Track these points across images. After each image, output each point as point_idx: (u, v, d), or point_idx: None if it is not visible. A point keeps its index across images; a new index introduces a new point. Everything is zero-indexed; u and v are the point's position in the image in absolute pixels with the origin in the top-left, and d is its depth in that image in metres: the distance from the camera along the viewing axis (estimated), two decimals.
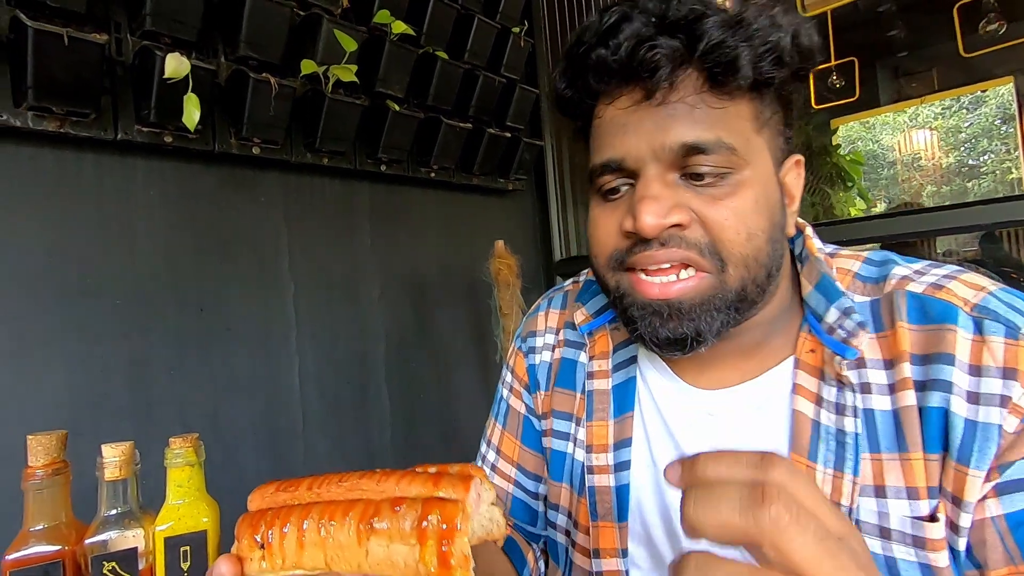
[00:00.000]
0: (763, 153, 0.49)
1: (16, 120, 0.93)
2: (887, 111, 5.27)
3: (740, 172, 0.47)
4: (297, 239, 1.33)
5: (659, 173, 0.48)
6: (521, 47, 1.67)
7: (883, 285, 0.51)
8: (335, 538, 0.33)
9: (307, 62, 1.16)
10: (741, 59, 0.45)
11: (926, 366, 0.45)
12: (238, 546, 0.36)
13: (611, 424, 0.59)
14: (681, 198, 0.47)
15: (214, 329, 1.18)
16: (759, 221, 0.47)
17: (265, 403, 1.25)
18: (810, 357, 0.51)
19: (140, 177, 1.11)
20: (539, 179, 2.01)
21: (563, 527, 0.64)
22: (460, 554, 0.31)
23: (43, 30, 0.86)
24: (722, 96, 0.47)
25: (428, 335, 1.60)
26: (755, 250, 0.47)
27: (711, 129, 0.46)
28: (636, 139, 0.48)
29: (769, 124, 0.50)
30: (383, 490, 0.35)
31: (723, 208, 0.47)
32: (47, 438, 0.58)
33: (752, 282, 0.48)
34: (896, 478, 0.45)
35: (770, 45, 0.46)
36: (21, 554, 0.55)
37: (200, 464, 0.62)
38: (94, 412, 1.02)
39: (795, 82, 0.50)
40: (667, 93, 0.47)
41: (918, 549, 0.44)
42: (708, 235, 0.47)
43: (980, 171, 7.30)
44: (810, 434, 0.48)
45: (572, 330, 0.66)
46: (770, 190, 0.49)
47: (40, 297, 0.99)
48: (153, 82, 0.98)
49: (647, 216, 0.46)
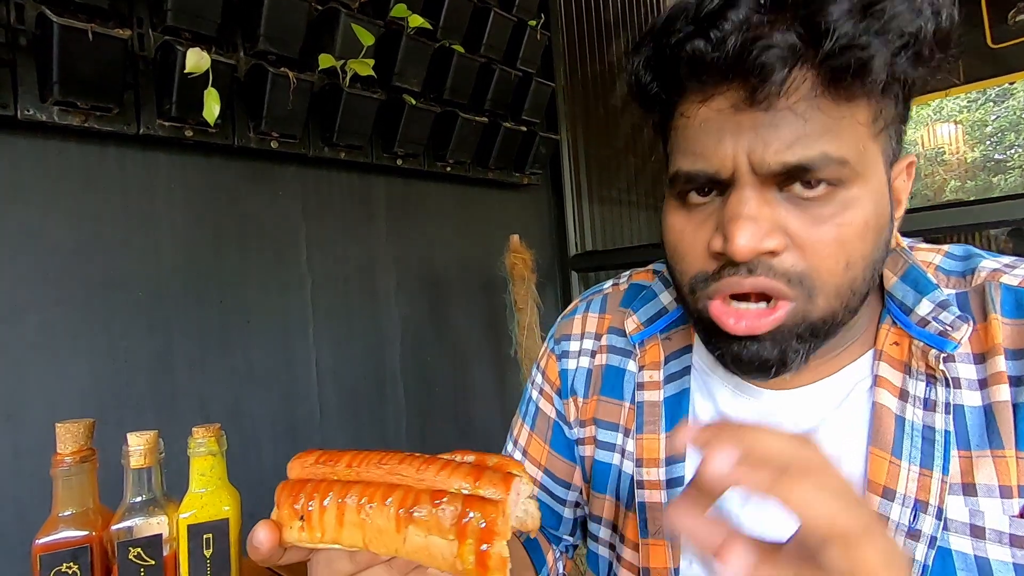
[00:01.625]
0: (877, 162, 0.43)
1: (42, 115, 0.94)
2: (911, 104, 5.13)
3: (850, 188, 0.41)
4: (315, 233, 1.34)
5: (759, 189, 0.41)
6: (537, 40, 1.66)
7: (971, 278, 0.47)
8: (374, 521, 0.33)
9: (325, 56, 1.16)
10: (875, 60, 0.37)
11: (1023, 360, 0.43)
12: (278, 513, 0.36)
13: (663, 438, 0.55)
14: (780, 218, 0.42)
15: (234, 322, 1.20)
16: (863, 248, 0.42)
17: (283, 395, 1.26)
18: (894, 350, 0.47)
19: (162, 171, 1.12)
20: (555, 173, 2.00)
21: (607, 541, 0.61)
22: (498, 556, 0.31)
23: (68, 26, 0.88)
24: (839, 100, 0.40)
25: (443, 329, 1.60)
26: (851, 279, 0.43)
27: (819, 142, 0.40)
28: (733, 147, 0.41)
29: (888, 127, 0.43)
30: (423, 479, 0.35)
31: (825, 233, 0.41)
32: (75, 426, 0.60)
33: (844, 309, 0.44)
34: (988, 476, 0.42)
35: (908, 37, 0.38)
36: (50, 538, 0.57)
37: (222, 454, 0.63)
38: (118, 403, 1.04)
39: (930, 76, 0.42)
40: (775, 97, 0.39)
41: (1015, 549, 0.41)
42: (803, 262, 0.42)
43: (1007, 166, 7.12)
44: (894, 429, 0.45)
45: (618, 336, 0.62)
46: (882, 207, 0.43)
47: (66, 290, 1.01)
48: (174, 77, 0.99)
49: (741, 239, 0.40)
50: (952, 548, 0.42)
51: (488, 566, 0.31)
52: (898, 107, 0.43)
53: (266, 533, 0.35)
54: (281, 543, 0.36)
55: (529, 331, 1.57)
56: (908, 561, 0.29)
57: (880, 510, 0.44)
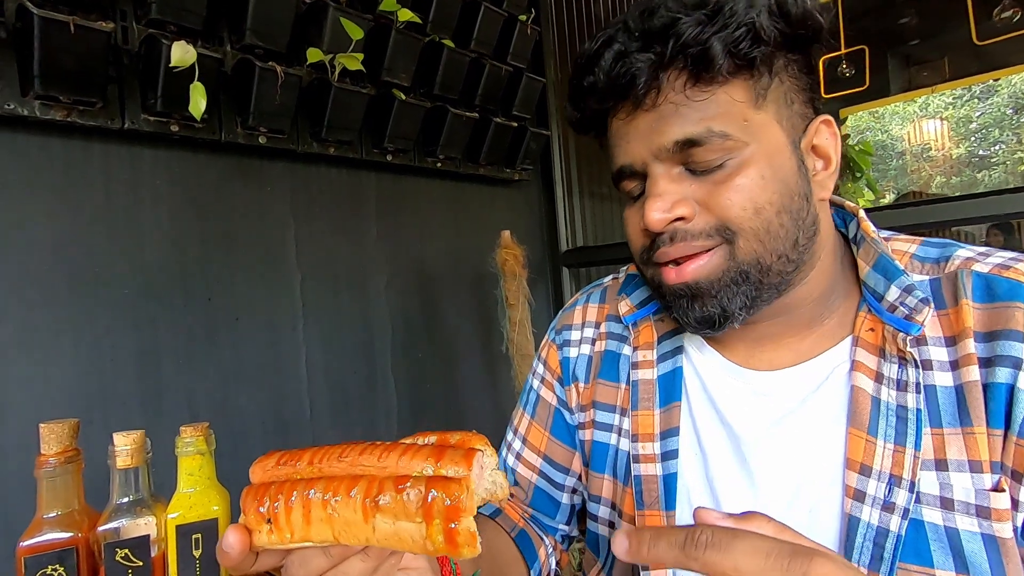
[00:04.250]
0: (768, 126, 0.50)
1: (23, 109, 0.93)
2: (897, 100, 5.21)
3: (740, 153, 0.49)
4: (304, 229, 1.33)
5: (664, 171, 0.51)
6: (528, 35, 1.66)
7: (944, 265, 0.51)
8: (341, 514, 0.34)
9: (313, 50, 1.15)
10: (712, 50, 0.47)
11: (991, 343, 0.46)
12: (245, 518, 0.36)
13: (657, 413, 0.60)
14: (686, 190, 0.50)
15: (222, 319, 1.18)
16: (767, 195, 0.49)
17: (272, 393, 1.25)
18: (869, 336, 0.51)
19: (147, 167, 1.11)
20: (545, 169, 1.99)
21: (605, 519, 0.64)
22: (467, 531, 0.32)
23: (49, 18, 0.86)
24: (707, 86, 0.48)
25: (434, 325, 1.60)
26: (766, 222, 0.49)
27: (700, 122, 0.48)
28: (637, 144, 0.52)
29: (772, 96, 0.50)
30: (385, 466, 0.35)
31: (726, 191, 0.49)
32: (59, 426, 0.59)
33: (771, 254, 0.49)
34: (958, 451, 0.46)
35: (744, 27, 0.47)
36: (35, 540, 0.56)
37: (210, 453, 0.62)
38: (104, 402, 1.03)
39: (796, 49, 0.50)
40: (655, 98, 0.50)
41: (982, 519, 0.44)
42: (714, 218, 0.49)
43: (991, 162, 7.21)
44: (870, 410, 0.49)
45: (615, 323, 0.67)
46: (780, 161, 0.50)
47: (49, 287, 0.99)
48: (159, 71, 0.98)
49: (652, 213, 0.50)
50: (924, 519, 0.46)
51: (457, 543, 0.32)
52: (780, 79, 0.51)
53: (236, 537, 0.36)
54: (252, 548, 0.36)
55: (520, 327, 1.57)
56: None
57: (857, 486, 0.48)
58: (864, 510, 0.47)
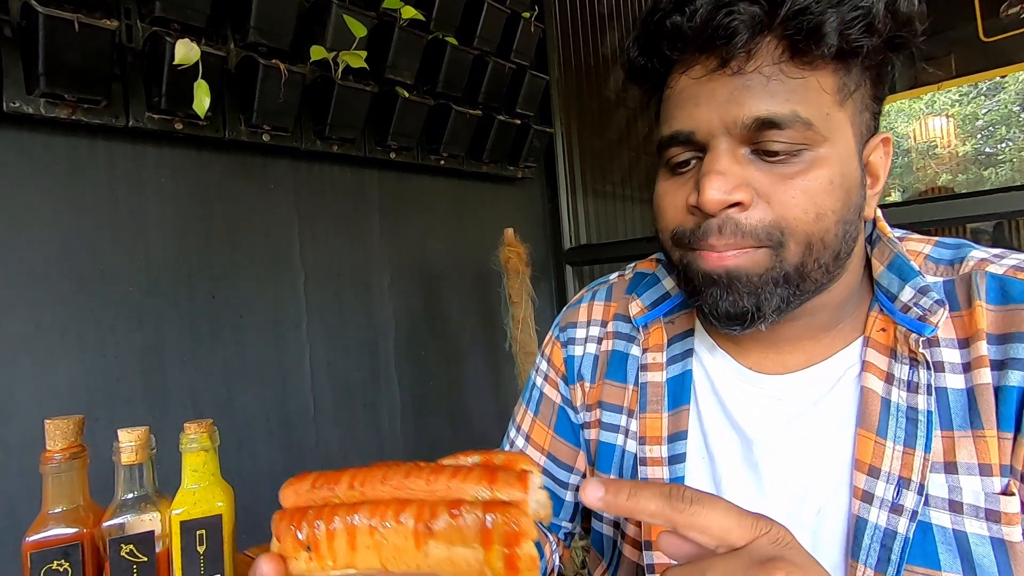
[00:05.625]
0: (845, 129, 0.47)
1: (29, 107, 0.93)
2: (903, 97, 5.17)
3: (816, 149, 0.45)
4: (307, 226, 1.33)
5: (730, 147, 0.46)
6: (531, 32, 1.65)
7: (959, 266, 0.50)
8: (390, 540, 0.32)
9: (316, 48, 1.15)
10: (826, 26, 0.43)
11: (1004, 345, 0.45)
12: (280, 546, 0.34)
13: (665, 417, 0.58)
14: (750, 175, 0.46)
15: (226, 316, 1.19)
16: (831, 202, 0.46)
17: (276, 390, 1.26)
18: (881, 336, 0.50)
19: (151, 164, 1.11)
20: (549, 167, 1.99)
21: (611, 519, 0.63)
22: (528, 557, 0.31)
23: (54, 16, 0.86)
24: (803, 66, 0.45)
25: (437, 323, 1.60)
26: (822, 231, 0.46)
27: (787, 102, 0.44)
28: (708, 110, 0.46)
29: (854, 98, 0.47)
30: (435, 490, 0.34)
31: (792, 187, 0.45)
32: (64, 422, 0.59)
33: (815, 262, 0.47)
34: (968, 455, 0.45)
35: (861, 10, 0.43)
36: (41, 536, 0.56)
37: (215, 449, 0.62)
38: (109, 398, 1.04)
39: (890, 52, 0.47)
40: (743, 62, 0.45)
41: (991, 523, 0.44)
42: (772, 213, 0.46)
43: (997, 159, 7.17)
44: (879, 411, 0.48)
45: (624, 322, 0.65)
46: (848, 169, 0.47)
47: (54, 284, 1.00)
48: (163, 69, 0.98)
49: (711, 191, 0.45)
50: (932, 522, 0.45)
51: (519, 568, 0.31)
52: (864, 82, 0.48)
53: (270, 566, 0.33)
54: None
55: (523, 325, 1.57)
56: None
57: (865, 487, 0.47)
58: (872, 512, 0.47)
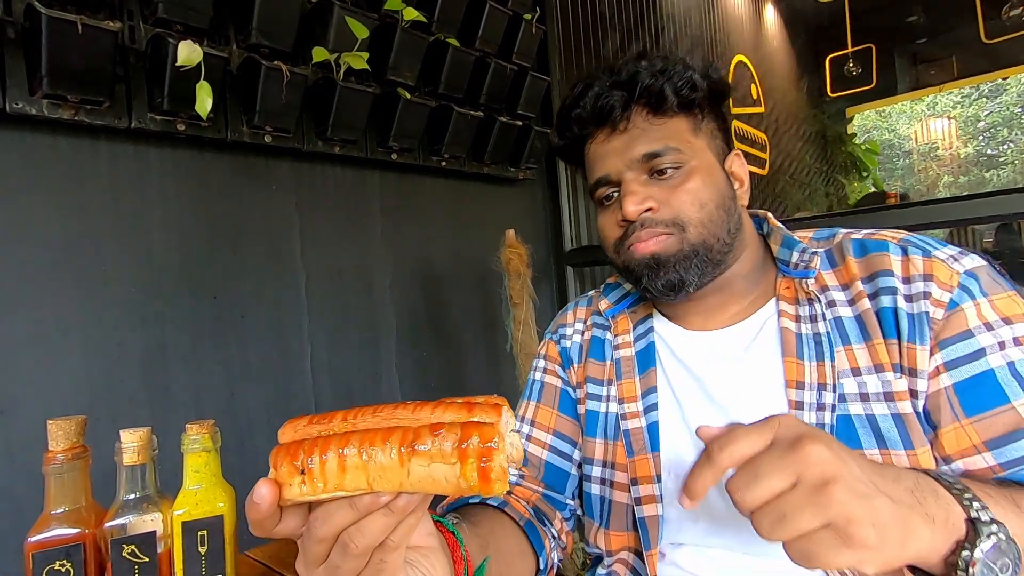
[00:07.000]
0: (704, 151, 0.70)
1: (32, 108, 0.93)
2: (904, 99, 5.18)
3: (687, 164, 0.68)
4: (309, 227, 1.33)
5: (634, 177, 0.69)
6: (533, 34, 1.66)
7: (832, 240, 0.70)
8: (376, 461, 0.36)
9: (318, 49, 1.15)
10: (665, 90, 0.68)
11: (873, 281, 0.64)
12: (276, 473, 0.37)
13: (638, 379, 0.76)
14: (651, 191, 0.68)
15: (227, 317, 1.19)
16: (707, 195, 0.68)
17: (278, 390, 1.26)
18: (786, 292, 0.70)
19: (153, 165, 1.11)
20: (550, 168, 1.99)
21: (599, 477, 0.76)
22: (499, 467, 0.35)
23: (57, 17, 0.86)
24: (662, 116, 0.69)
25: (438, 324, 1.60)
26: (708, 214, 0.67)
27: (660, 140, 0.68)
28: (614, 159, 0.70)
29: (704, 129, 0.71)
30: (419, 418, 0.38)
31: (681, 191, 0.67)
32: (67, 423, 0.59)
33: (712, 236, 0.67)
34: (866, 359, 0.63)
35: (685, 79, 0.68)
36: (43, 536, 0.57)
37: (216, 450, 0.63)
38: (111, 398, 1.04)
39: (714, 99, 0.71)
40: (625, 125, 0.70)
41: (889, 402, 0.61)
42: (672, 211, 0.67)
43: (999, 161, 7.15)
44: (795, 342, 0.66)
45: (599, 316, 0.84)
46: (714, 173, 0.70)
47: (57, 285, 1.00)
48: (166, 70, 0.98)
49: (629, 205, 0.67)
50: (851, 413, 0.62)
51: (490, 478, 0.34)
52: (706, 120, 0.71)
53: (267, 488, 0.36)
54: (280, 502, 0.37)
55: (524, 326, 1.57)
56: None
57: (796, 398, 0.64)
58: (805, 415, 0.63)
